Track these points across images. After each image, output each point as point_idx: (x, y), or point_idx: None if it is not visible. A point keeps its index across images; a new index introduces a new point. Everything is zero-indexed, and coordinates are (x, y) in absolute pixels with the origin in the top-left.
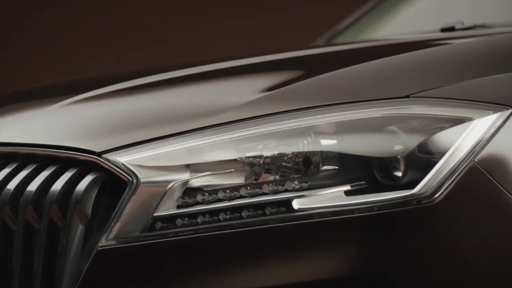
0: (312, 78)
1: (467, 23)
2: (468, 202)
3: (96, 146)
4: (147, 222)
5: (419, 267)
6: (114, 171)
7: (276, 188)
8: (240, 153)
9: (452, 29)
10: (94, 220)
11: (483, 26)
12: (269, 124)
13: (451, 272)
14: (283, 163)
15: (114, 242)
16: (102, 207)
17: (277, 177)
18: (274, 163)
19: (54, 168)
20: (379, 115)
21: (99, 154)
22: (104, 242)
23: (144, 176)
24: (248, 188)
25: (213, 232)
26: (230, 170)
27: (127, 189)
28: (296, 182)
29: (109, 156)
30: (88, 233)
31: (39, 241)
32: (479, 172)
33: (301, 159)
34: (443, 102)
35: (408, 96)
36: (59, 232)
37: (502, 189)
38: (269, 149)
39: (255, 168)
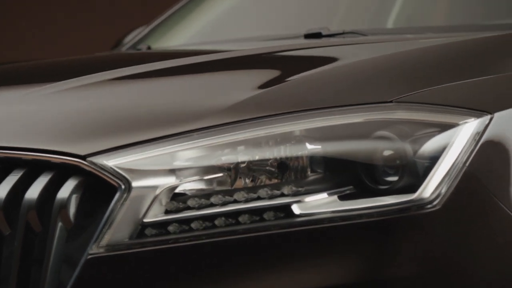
0: (296, 80)
1: (334, 29)
2: (465, 207)
3: (79, 148)
4: (137, 229)
5: (423, 273)
6: (103, 176)
7: (272, 192)
8: (232, 157)
9: (318, 35)
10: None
11: (353, 32)
12: (258, 128)
13: (452, 277)
14: (271, 168)
15: (105, 250)
16: (81, 213)
17: (256, 183)
18: (266, 168)
19: (23, 171)
20: (365, 120)
21: (83, 157)
22: (96, 249)
23: (135, 180)
24: (243, 192)
25: (213, 238)
26: (220, 175)
27: (117, 195)
28: (292, 187)
29: (94, 159)
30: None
31: (10, 247)
32: (471, 178)
33: (290, 164)
34: (427, 108)
35: (391, 101)
36: (33, 238)
37: (491, 194)
38: (262, 153)
39: (246, 173)
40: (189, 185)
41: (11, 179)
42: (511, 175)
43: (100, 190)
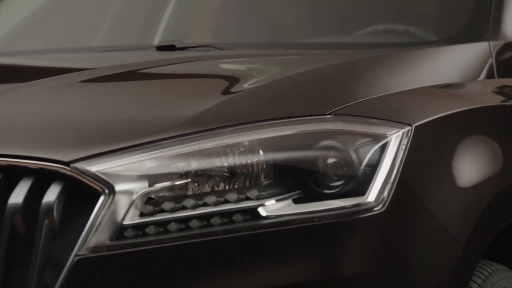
0: (243, 93)
1: (189, 42)
2: (403, 211)
3: (61, 154)
4: (118, 231)
5: (373, 271)
6: (86, 181)
7: (238, 196)
8: (205, 163)
9: (172, 47)
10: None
11: (208, 46)
12: (222, 137)
13: (396, 276)
14: (227, 174)
15: (92, 251)
16: (62, 216)
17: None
18: (223, 174)
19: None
20: (309, 130)
21: (67, 163)
22: (83, 251)
23: (117, 185)
24: (213, 196)
25: (190, 240)
26: (188, 180)
27: (102, 199)
28: (255, 191)
29: (78, 165)
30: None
31: None
32: (405, 184)
33: (249, 170)
34: (360, 120)
35: (329, 114)
36: (16, 242)
37: (420, 199)
38: (224, 161)
39: (211, 178)
40: (163, 190)
41: None
42: (433, 183)
43: (80, 195)
